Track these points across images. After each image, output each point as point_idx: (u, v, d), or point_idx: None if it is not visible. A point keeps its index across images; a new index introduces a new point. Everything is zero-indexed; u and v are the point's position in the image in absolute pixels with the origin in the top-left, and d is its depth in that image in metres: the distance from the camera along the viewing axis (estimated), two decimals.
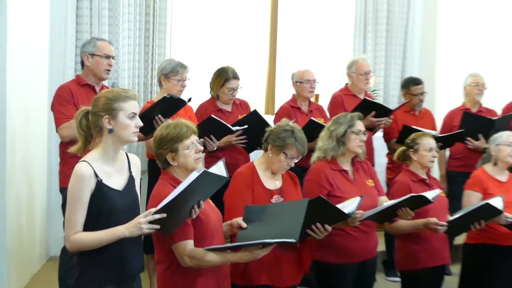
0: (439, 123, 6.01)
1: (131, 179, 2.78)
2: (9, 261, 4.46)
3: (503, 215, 4.08)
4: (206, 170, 2.77)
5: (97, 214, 2.60)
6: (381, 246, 4.72)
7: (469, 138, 5.42)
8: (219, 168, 2.90)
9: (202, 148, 3.12)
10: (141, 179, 4.16)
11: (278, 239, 3.01)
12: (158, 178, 3.05)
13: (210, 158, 4.71)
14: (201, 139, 3.23)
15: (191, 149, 3.00)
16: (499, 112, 5.87)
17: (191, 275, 2.98)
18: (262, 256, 3.07)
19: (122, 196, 2.68)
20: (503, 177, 4.48)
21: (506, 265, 4.37)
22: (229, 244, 3.11)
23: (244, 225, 3.18)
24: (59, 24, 5.79)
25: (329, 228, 3.47)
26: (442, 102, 7.06)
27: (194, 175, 2.70)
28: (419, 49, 7.84)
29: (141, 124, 2.82)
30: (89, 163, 2.60)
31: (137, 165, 2.88)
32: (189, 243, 2.93)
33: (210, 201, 3.23)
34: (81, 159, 2.65)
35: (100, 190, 2.60)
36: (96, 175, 2.59)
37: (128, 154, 2.88)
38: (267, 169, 3.58)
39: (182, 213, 2.83)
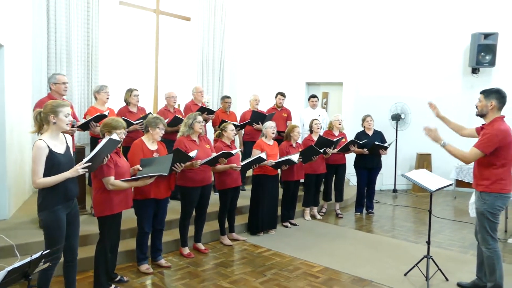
0: (238, 118, 6.20)
1: (67, 147, 2.77)
2: (9, 192, 4.31)
3: (268, 161, 4.54)
4: (110, 137, 2.86)
5: (50, 167, 2.61)
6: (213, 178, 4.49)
7: (254, 124, 5.68)
8: (115, 137, 2.93)
9: (126, 133, 3.24)
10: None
11: (156, 173, 3.23)
12: (96, 145, 2.95)
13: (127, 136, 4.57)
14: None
15: (120, 133, 3.14)
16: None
17: (111, 193, 3.12)
18: (149, 182, 3.28)
19: (63, 156, 2.68)
20: (270, 142, 4.82)
21: (269, 183, 4.79)
22: (132, 177, 3.23)
23: (141, 168, 3.31)
24: (39, 62, 5.46)
25: (182, 165, 3.67)
26: (240, 108, 7.26)
27: (104, 140, 2.82)
28: (229, 81, 7.93)
29: (72, 119, 2.78)
30: (44, 140, 2.62)
31: (70, 140, 2.84)
32: (112, 177, 3.06)
33: (124, 157, 3.33)
34: (39, 138, 2.63)
35: (51, 154, 2.61)
36: (48, 146, 2.61)
37: (65, 134, 2.81)
38: (149, 140, 3.61)
39: (99, 161, 2.92)
